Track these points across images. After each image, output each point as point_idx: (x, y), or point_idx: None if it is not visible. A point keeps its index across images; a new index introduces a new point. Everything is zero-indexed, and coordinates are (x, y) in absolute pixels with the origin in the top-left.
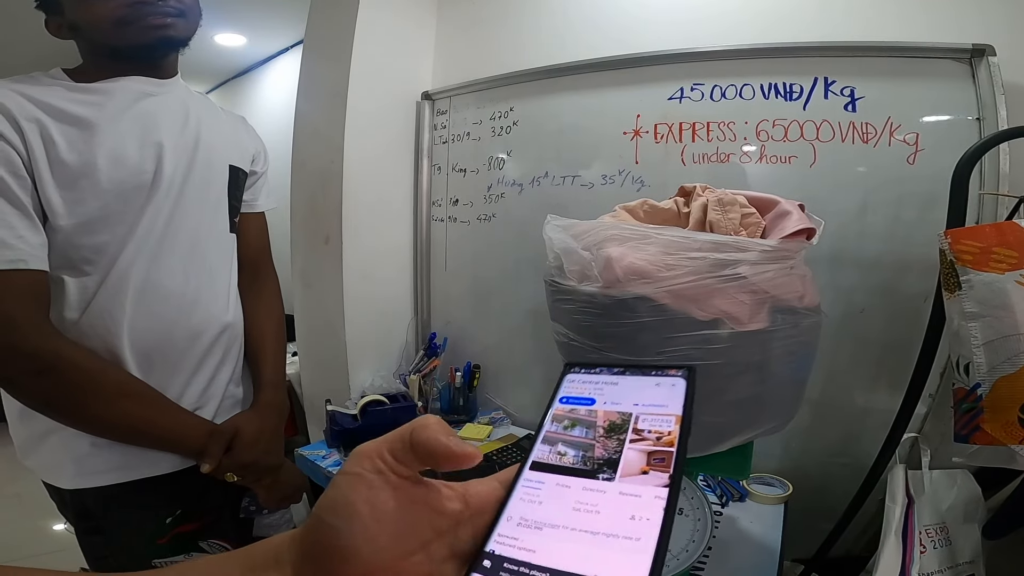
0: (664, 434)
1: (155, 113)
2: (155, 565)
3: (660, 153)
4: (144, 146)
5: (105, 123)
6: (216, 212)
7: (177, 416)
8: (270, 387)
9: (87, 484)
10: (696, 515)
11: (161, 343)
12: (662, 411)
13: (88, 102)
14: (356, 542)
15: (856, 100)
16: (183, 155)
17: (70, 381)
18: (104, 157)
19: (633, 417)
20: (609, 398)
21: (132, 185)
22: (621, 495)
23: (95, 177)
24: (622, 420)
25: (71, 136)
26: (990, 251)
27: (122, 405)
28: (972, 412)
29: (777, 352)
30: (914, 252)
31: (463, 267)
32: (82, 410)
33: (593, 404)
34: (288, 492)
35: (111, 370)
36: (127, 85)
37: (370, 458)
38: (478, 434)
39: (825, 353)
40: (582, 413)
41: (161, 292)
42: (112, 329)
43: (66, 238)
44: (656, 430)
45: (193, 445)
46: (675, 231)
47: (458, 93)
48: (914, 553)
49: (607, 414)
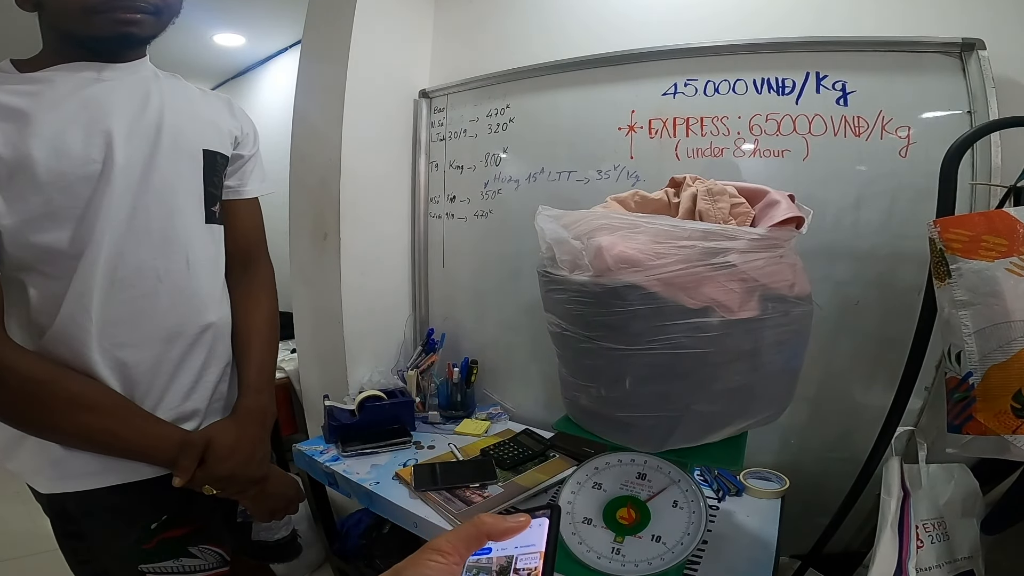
0: (532, 570)
1: (105, 99)
2: (143, 571)
3: (655, 148)
4: (90, 134)
5: (41, 113)
6: (190, 201)
7: (143, 427)
8: (252, 392)
9: (64, 488)
10: (691, 508)
11: (134, 346)
12: (532, 550)
13: (24, 92)
14: None
15: (848, 94)
16: (141, 141)
17: (20, 392)
18: (40, 149)
19: (514, 559)
20: (500, 544)
21: (77, 176)
22: None
23: (31, 171)
24: (507, 562)
25: (5, 130)
26: (979, 239)
27: (78, 417)
28: (964, 401)
29: (768, 340)
30: (907, 244)
31: (461, 263)
32: (35, 422)
33: (490, 552)
34: (278, 504)
35: (66, 379)
36: (74, 72)
37: (448, 553)
38: (476, 429)
39: (821, 346)
40: (483, 562)
41: (130, 291)
42: (79, 336)
43: (12, 238)
44: (527, 567)
45: (162, 456)
46: (665, 220)
47: (455, 91)
48: (911, 547)
49: (499, 559)
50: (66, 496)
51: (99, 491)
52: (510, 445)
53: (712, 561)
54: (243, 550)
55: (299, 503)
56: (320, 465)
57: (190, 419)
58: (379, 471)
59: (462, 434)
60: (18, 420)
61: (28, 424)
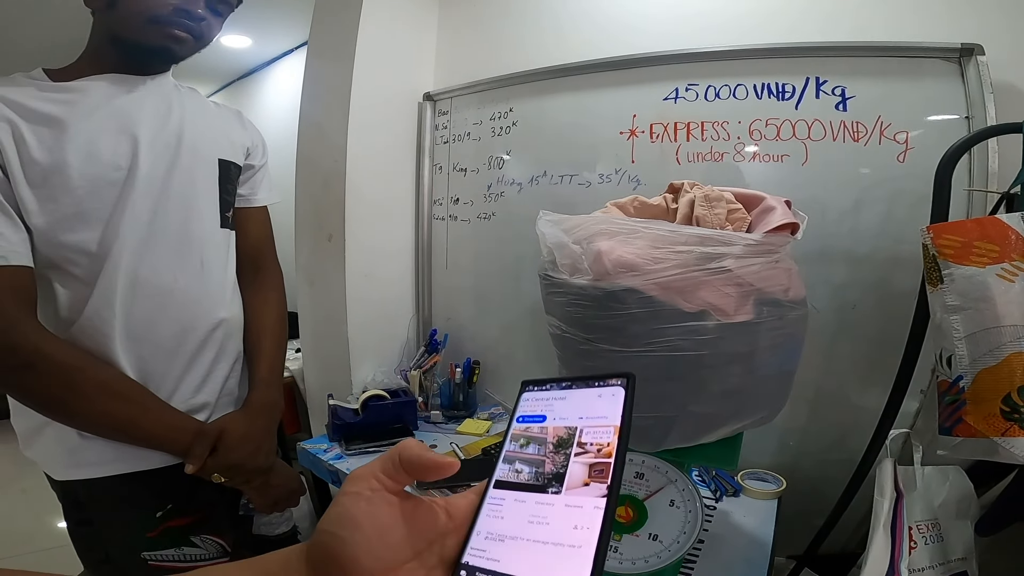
0: (603, 445)
1: (132, 109)
2: (145, 559)
3: (656, 152)
4: (118, 142)
5: (76, 120)
6: (206, 207)
7: (162, 416)
8: (262, 386)
9: (78, 476)
10: (687, 507)
11: (152, 340)
12: (602, 423)
13: (60, 100)
14: (358, 551)
15: (847, 99)
16: (164, 150)
17: (51, 377)
18: (74, 154)
19: (577, 431)
20: (558, 414)
21: (106, 181)
22: (567, 507)
23: (66, 174)
24: (568, 435)
25: (42, 135)
26: (971, 245)
27: (104, 403)
28: (955, 404)
29: (763, 344)
30: (905, 249)
31: (463, 265)
32: (64, 407)
33: (544, 421)
34: (281, 495)
35: (94, 368)
36: (105, 82)
37: (365, 478)
38: (477, 429)
39: (818, 349)
40: (535, 431)
41: (149, 289)
42: (104, 329)
43: (43, 236)
44: (596, 442)
45: (178, 445)
46: (662, 225)
47: (459, 94)
48: (903, 547)
49: (556, 430)
50: (79, 483)
51: (110, 479)
52: None
53: (708, 560)
54: (244, 543)
55: (300, 496)
56: (324, 463)
57: (200, 412)
58: None
59: (464, 434)
60: (48, 405)
61: (57, 409)
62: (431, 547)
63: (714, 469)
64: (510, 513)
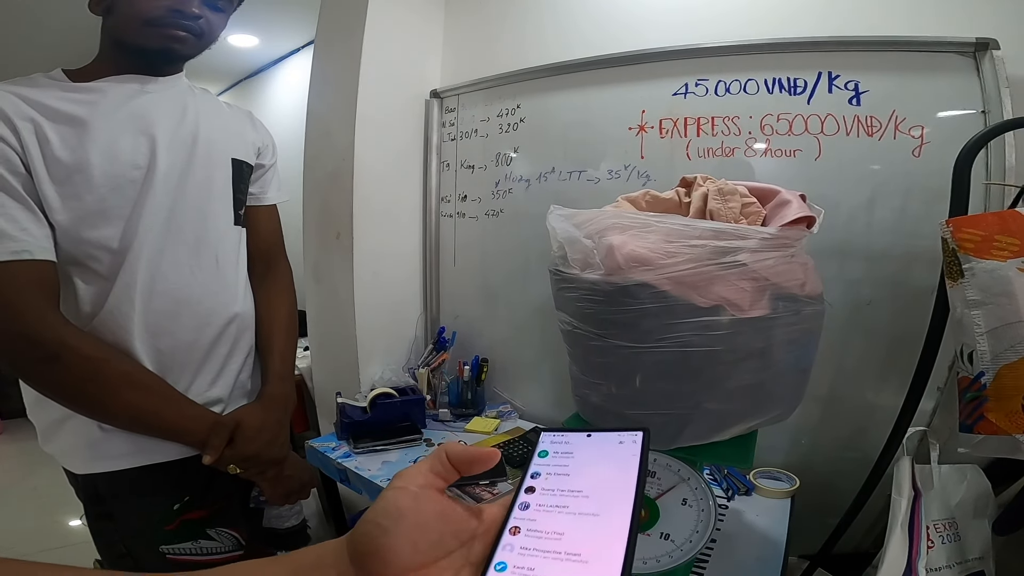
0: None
1: (150, 109)
2: (163, 552)
3: (665, 148)
4: (137, 142)
5: (98, 120)
6: (220, 205)
7: (181, 407)
8: (276, 379)
9: (98, 469)
10: (700, 506)
11: (169, 334)
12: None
13: (82, 101)
14: (400, 541)
15: (860, 94)
16: (180, 149)
17: (76, 369)
18: (97, 153)
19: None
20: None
21: (126, 179)
22: (593, 520)
23: (88, 172)
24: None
25: (65, 134)
26: (992, 239)
27: (127, 395)
28: (976, 401)
29: (779, 339)
30: (921, 244)
31: (472, 262)
32: (87, 398)
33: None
34: (293, 487)
35: (117, 360)
36: (123, 83)
37: (414, 476)
38: (485, 427)
39: (833, 346)
40: (558, 462)
41: (167, 284)
42: (123, 323)
43: (65, 233)
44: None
45: (196, 436)
46: (675, 219)
47: (466, 91)
48: (921, 547)
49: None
50: (98, 477)
51: (129, 472)
52: (520, 443)
53: (721, 560)
54: (254, 536)
55: (311, 488)
56: (332, 461)
57: (215, 405)
58: (390, 468)
59: (472, 432)
60: (74, 397)
61: (81, 400)
62: (461, 548)
63: (726, 468)
64: (536, 524)
